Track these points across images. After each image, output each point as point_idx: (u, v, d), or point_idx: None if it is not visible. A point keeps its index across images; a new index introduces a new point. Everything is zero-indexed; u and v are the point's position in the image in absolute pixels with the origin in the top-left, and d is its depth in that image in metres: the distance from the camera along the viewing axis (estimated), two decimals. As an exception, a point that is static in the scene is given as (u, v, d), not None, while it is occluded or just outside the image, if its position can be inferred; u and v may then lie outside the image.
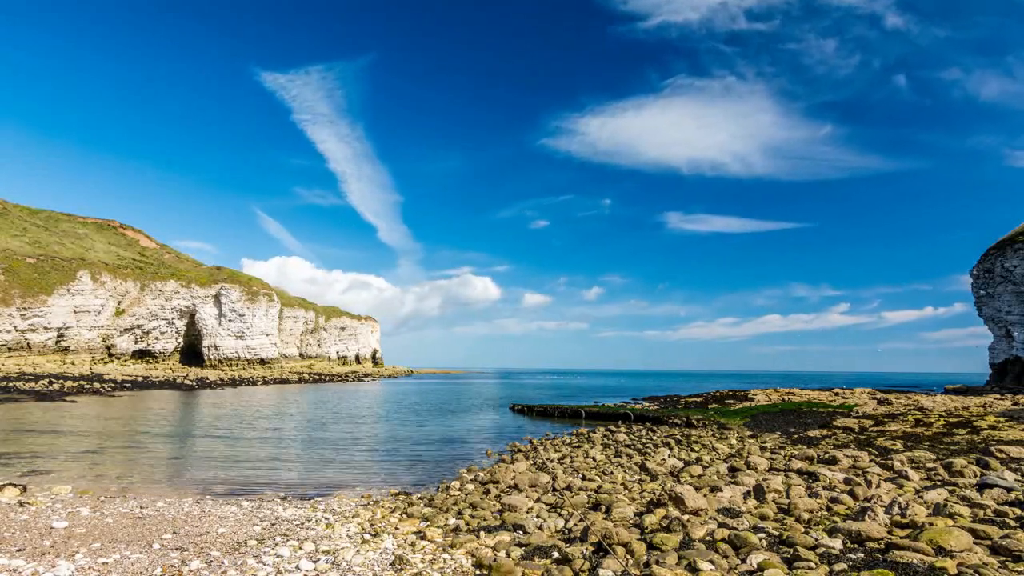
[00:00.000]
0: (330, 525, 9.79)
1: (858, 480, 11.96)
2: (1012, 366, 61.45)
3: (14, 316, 66.22)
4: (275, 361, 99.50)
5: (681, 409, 36.40)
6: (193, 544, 8.41)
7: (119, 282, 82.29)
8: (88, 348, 76.03)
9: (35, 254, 75.12)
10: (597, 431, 25.71)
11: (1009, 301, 61.36)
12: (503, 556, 7.73)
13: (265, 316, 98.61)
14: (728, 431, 25.83)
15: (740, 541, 7.57)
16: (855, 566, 6.70)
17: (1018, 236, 62.23)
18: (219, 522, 9.85)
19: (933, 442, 18.50)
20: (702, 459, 16.81)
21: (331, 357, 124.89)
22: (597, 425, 30.04)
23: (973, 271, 67.75)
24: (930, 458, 14.59)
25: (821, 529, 8.48)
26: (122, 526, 9.37)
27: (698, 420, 29.65)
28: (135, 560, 7.54)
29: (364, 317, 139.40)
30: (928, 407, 32.97)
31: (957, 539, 7.16)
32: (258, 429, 26.55)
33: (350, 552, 8.01)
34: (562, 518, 9.86)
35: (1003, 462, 13.82)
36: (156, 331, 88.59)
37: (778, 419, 30.34)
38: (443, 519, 10.13)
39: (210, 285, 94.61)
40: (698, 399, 48.49)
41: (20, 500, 10.98)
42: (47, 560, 7.37)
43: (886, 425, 24.16)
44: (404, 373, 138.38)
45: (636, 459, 17.19)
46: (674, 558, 7.05)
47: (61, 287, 72.32)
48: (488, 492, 12.75)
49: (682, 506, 9.51)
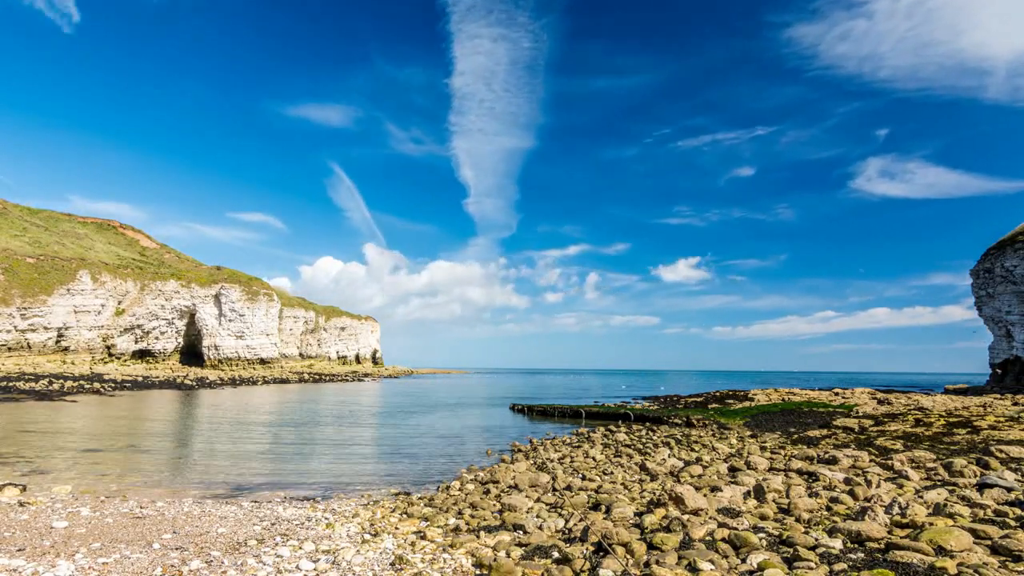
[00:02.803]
0: (330, 525, 9.79)
1: (858, 480, 11.95)
2: (1012, 366, 61.43)
3: (14, 316, 66.22)
4: (275, 361, 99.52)
5: (681, 409, 36.40)
6: (193, 544, 8.41)
7: (119, 282, 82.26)
8: (88, 348, 76.02)
9: (35, 254, 75.10)
10: (597, 431, 25.72)
11: (1009, 301, 61.33)
12: (503, 556, 7.72)
13: (265, 316, 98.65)
14: (728, 431, 25.84)
15: (740, 541, 7.57)
16: (855, 566, 6.70)
17: (1018, 236, 62.17)
18: (219, 522, 9.85)
19: (933, 442, 18.50)
20: (702, 459, 16.81)
21: (331, 357, 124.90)
22: (597, 425, 30.05)
23: (973, 271, 67.69)
24: (930, 458, 14.58)
25: (821, 529, 8.47)
26: (122, 526, 9.37)
27: (698, 420, 29.65)
28: (135, 560, 7.54)
29: (364, 317, 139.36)
30: (928, 407, 32.97)
31: (957, 539, 7.16)
32: (258, 429, 26.54)
33: (350, 552, 8.01)
34: (562, 518, 9.86)
35: (1003, 462, 13.82)
36: (156, 331, 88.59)
37: (778, 419, 30.34)
38: (443, 519, 10.13)
39: (210, 285, 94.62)
40: (698, 399, 48.53)
41: (20, 500, 10.98)
42: (47, 560, 7.37)
43: (886, 425, 24.16)
44: (404, 373, 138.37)
45: (636, 459, 17.19)
46: (674, 558, 7.05)
47: (61, 287, 72.30)
48: (488, 492, 12.75)
49: (682, 506, 9.51)
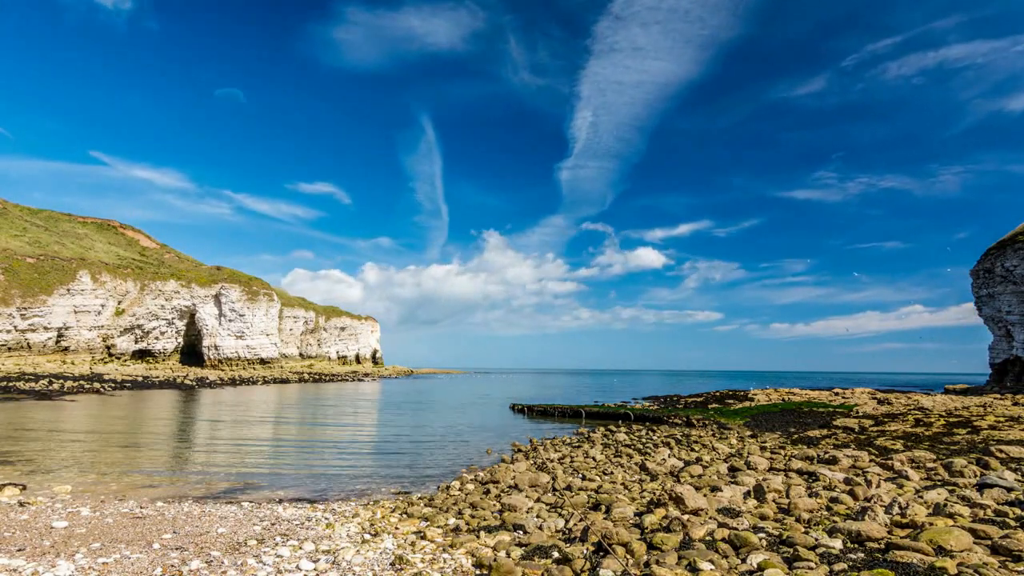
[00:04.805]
0: (330, 525, 9.78)
1: (858, 480, 11.95)
2: (1012, 366, 61.42)
3: (14, 316, 66.21)
4: (275, 361, 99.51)
5: (681, 409, 36.40)
6: (193, 544, 8.40)
7: (119, 282, 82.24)
8: (88, 348, 76.00)
9: (35, 254, 75.08)
10: (597, 431, 25.72)
11: (1009, 301, 61.32)
12: (503, 556, 7.72)
13: (265, 316, 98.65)
14: (728, 431, 25.83)
15: (740, 541, 7.57)
16: (855, 566, 6.70)
17: (1018, 236, 62.15)
18: (219, 522, 9.85)
19: (933, 442, 18.50)
20: (702, 459, 16.80)
21: (331, 357, 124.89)
22: (597, 425, 30.04)
23: (973, 271, 67.69)
24: (930, 458, 14.58)
25: (821, 529, 8.47)
26: (122, 526, 9.36)
27: (698, 420, 29.65)
28: (135, 560, 7.54)
29: (364, 317, 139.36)
30: (928, 407, 32.97)
31: (957, 539, 7.16)
32: (258, 429, 26.53)
33: (350, 552, 8.01)
34: (562, 518, 9.85)
35: (1003, 462, 13.82)
36: (156, 331, 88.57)
37: (778, 419, 30.34)
38: (443, 519, 10.13)
39: (210, 285, 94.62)
40: (698, 399, 48.52)
41: (20, 500, 10.97)
42: (47, 560, 7.37)
43: (886, 425, 24.16)
44: (404, 373, 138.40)
45: (636, 459, 17.19)
46: (674, 558, 7.05)
47: (61, 287, 72.29)
48: (488, 492, 12.75)
49: (682, 506, 9.51)
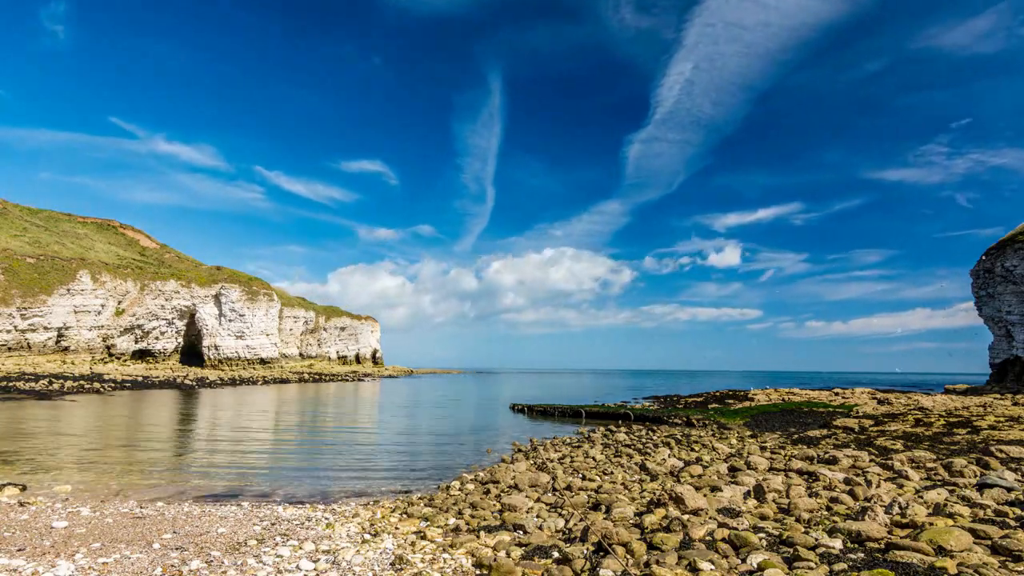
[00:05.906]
0: (330, 525, 9.78)
1: (858, 480, 11.95)
2: (1012, 366, 61.40)
3: (14, 316, 66.20)
4: (275, 361, 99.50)
5: (681, 409, 36.39)
6: (193, 544, 8.40)
7: (119, 282, 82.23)
8: (88, 348, 76.00)
9: (35, 254, 75.07)
10: (597, 431, 25.71)
11: (1009, 301, 61.32)
12: (503, 556, 7.72)
13: (265, 316, 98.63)
14: (728, 431, 25.83)
15: (740, 541, 7.57)
16: (855, 566, 6.70)
17: (1018, 236, 62.14)
18: (219, 522, 9.85)
19: (933, 442, 18.49)
20: (702, 459, 16.80)
21: (331, 357, 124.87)
22: (597, 425, 30.04)
23: (973, 271, 67.70)
24: (930, 458, 14.58)
25: (821, 529, 8.47)
26: (122, 526, 9.36)
27: (698, 420, 29.65)
28: (135, 560, 7.54)
29: (364, 317, 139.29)
30: (928, 407, 32.96)
31: (957, 539, 7.16)
32: (258, 428, 26.53)
33: (350, 552, 8.01)
34: (562, 518, 9.85)
35: (1003, 462, 13.82)
36: (156, 331, 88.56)
37: (778, 419, 30.35)
38: (443, 519, 10.13)
39: (210, 285, 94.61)
40: (698, 399, 48.52)
41: (20, 500, 10.98)
42: (47, 560, 7.37)
43: (886, 425, 24.16)
44: (404, 373, 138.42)
45: (636, 459, 17.18)
46: (674, 558, 7.05)
47: (61, 287, 72.28)
48: (488, 492, 12.75)
49: (682, 506, 9.51)
